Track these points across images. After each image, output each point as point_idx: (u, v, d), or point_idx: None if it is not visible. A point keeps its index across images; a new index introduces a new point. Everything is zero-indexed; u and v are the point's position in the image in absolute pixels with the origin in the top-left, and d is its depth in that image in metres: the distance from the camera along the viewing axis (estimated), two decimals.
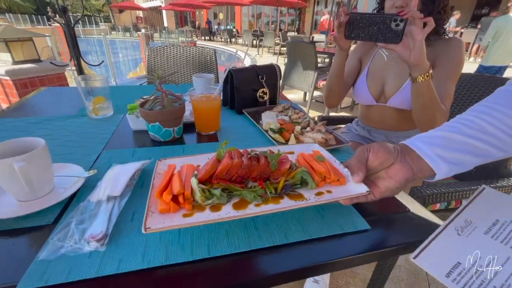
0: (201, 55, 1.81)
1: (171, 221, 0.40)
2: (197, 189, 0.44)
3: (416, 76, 0.77)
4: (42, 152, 0.48)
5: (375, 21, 0.70)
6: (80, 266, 0.37)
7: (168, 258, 0.39)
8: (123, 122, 0.87)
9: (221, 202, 0.44)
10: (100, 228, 0.42)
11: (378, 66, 1.04)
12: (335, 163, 0.54)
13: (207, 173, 0.46)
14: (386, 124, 1.09)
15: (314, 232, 0.45)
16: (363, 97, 1.08)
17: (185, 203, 0.43)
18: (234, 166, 0.45)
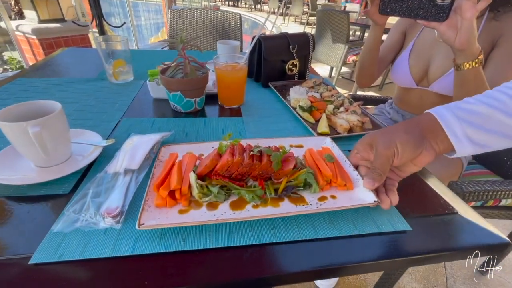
0: (225, 21, 1.69)
1: (166, 217, 0.38)
2: (195, 185, 0.41)
3: (461, 63, 0.65)
4: (59, 117, 0.44)
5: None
6: (95, 243, 0.35)
7: (187, 243, 0.36)
8: (143, 89, 0.83)
9: (218, 200, 0.42)
10: (116, 204, 0.39)
11: (425, 43, 0.90)
12: (345, 164, 0.50)
13: (206, 168, 0.43)
14: (424, 109, 0.95)
15: (346, 228, 0.40)
16: (402, 78, 0.95)
17: (181, 199, 0.41)
18: (234, 163, 0.42)
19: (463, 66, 0.65)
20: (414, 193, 0.50)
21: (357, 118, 0.66)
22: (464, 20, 0.58)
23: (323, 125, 0.64)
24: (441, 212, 0.45)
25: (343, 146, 0.61)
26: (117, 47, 0.82)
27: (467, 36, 0.59)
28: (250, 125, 0.67)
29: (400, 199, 0.46)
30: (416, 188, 0.52)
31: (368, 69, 0.98)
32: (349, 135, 0.64)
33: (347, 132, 0.64)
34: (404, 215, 0.43)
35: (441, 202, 0.48)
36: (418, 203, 0.47)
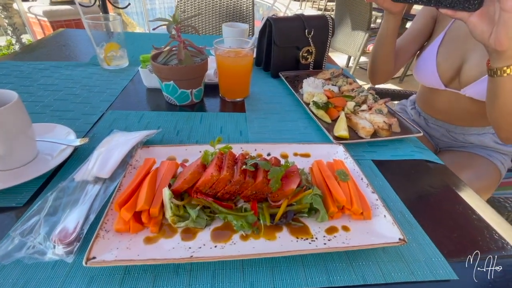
0: (236, 4, 1.56)
1: (126, 248, 0.29)
2: (168, 205, 0.32)
3: (499, 68, 0.50)
4: (13, 109, 0.36)
5: None
6: (37, 282, 0.27)
7: (157, 286, 0.27)
8: (137, 77, 0.74)
9: (198, 227, 0.32)
10: (73, 225, 0.31)
11: (459, 35, 0.73)
12: (361, 183, 0.39)
13: (185, 183, 0.33)
14: (452, 116, 0.82)
15: (369, 272, 0.30)
16: (427, 77, 0.79)
17: (149, 223, 0.32)
18: (221, 180, 0.32)
19: (500, 72, 0.50)
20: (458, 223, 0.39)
21: (383, 119, 0.55)
22: (503, 12, 0.43)
23: (341, 127, 0.53)
24: (497, 253, 0.34)
25: (365, 154, 0.50)
26: (107, 26, 0.72)
27: (508, 32, 0.44)
28: (254, 123, 0.57)
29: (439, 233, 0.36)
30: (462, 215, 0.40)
31: (382, 65, 0.82)
32: (372, 140, 0.53)
33: (370, 137, 0.53)
34: (447, 256, 0.33)
35: (495, 239, 0.36)
36: (462, 239, 0.36)
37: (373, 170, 0.47)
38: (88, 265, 0.26)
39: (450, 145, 0.89)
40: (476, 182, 0.79)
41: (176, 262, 0.28)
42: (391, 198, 0.41)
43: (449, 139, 0.88)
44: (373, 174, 0.46)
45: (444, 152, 0.90)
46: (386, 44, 0.75)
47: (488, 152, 0.83)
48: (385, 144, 0.54)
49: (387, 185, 0.43)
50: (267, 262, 0.31)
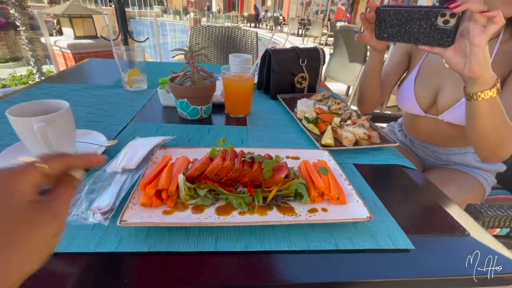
0: (242, 38, 1.75)
1: (149, 216, 0.37)
2: (182, 187, 0.41)
3: (474, 93, 0.56)
4: (65, 115, 0.46)
5: (415, 17, 0.52)
6: (81, 238, 0.35)
7: (172, 245, 0.35)
8: (155, 97, 0.86)
9: (205, 204, 0.41)
10: (107, 201, 0.39)
11: (432, 67, 0.82)
12: (340, 178, 0.48)
13: (196, 171, 0.43)
14: (435, 138, 0.90)
15: (342, 242, 0.38)
16: (408, 105, 0.87)
17: (167, 200, 0.40)
18: (224, 168, 0.41)
19: (476, 97, 0.56)
20: (420, 210, 0.47)
21: (364, 131, 0.64)
22: (473, 46, 0.50)
23: (327, 137, 0.62)
24: (449, 233, 0.41)
25: (348, 159, 0.59)
26: (133, 56, 0.86)
27: (479, 63, 0.50)
28: (254, 134, 0.67)
29: (404, 216, 0.44)
30: (423, 205, 0.48)
31: (369, 96, 0.90)
32: (354, 148, 0.62)
33: (352, 145, 0.62)
34: (407, 233, 0.40)
35: (450, 221, 0.44)
36: (424, 221, 0.44)
37: (354, 171, 0.55)
38: (121, 224, 0.34)
39: (436, 164, 0.97)
40: (460, 196, 0.85)
41: (187, 225, 0.37)
42: (366, 192, 0.49)
43: (434, 159, 0.95)
44: (353, 174, 0.54)
45: (430, 170, 0.97)
46: (372, 76, 0.84)
47: (471, 169, 0.90)
48: (366, 152, 0.63)
49: (364, 182, 0.51)
50: (258, 230, 0.38)
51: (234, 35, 1.77)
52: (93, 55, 3.42)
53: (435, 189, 0.53)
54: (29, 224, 0.20)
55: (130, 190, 0.43)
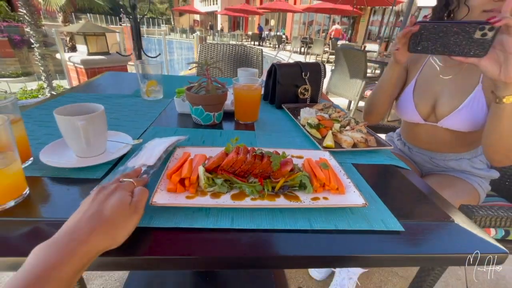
0: (248, 54, 1.87)
1: (174, 199, 0.44)
2: (202, 176, 0.47)
3: (504, 96, 0.62)
4: (101, 115, 0.54)
5: (453, 31, 0.59)
6: None
7: (194, 223, 0.41)
8: (170, 105, 0.94)
9: (221, 191, 0.47)
10: None
11: (428, 80, 0.90)
12: (339, 173, 0.54)
13: (214, 163, 0.49)
14: (433, 145, 0.96)
15: (340, 223, 0.43)
16: (408, 114, 0.94)
17: (189, 187, 0.46)
18: (238, 160, 0.48)
19: (505, 100, 0.63)
20: (411, 201, 0.52)
21: (361, 135, 0.71)
22: (509, 54, 0.56)
23: (328, 140, 0.69)
24: (435, 219, 0.47)
25: (347, 160, 0.65)
26: (151, 69, 0.96)
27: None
28: (261, 138, 0.74)
29: (396, 205, 0.49)
30: (414, 197, 0.54)
31: (380, 107, 0.97)
32: (352, 150, 0.68)
33: (351, 147, 0.68)
34: (398, 218, 0.46)
35: (437, 210, 0.49)
36: (414, 210, 0.49)
37: (352, 170, 0.61)
38: (152, 204, 0.41)
39: (433, 170, 1.03)
40: (455, 200, 0.90)
41: (207, 206, 0.43)
42: (363, 186, 0.55)
43: (431, 165, 1.01)
44: (352, 172, 0.60)
45: (427, 176, 1.03)
46: (388, 87, 0.90)
47: (466, 175, 0.95)
48: (363, 153, 0.69)
49: (361, 178, 0.58)
50: (268, 212, 0.44)
51: (241, 52, 1.88)
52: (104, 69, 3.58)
53: (425, 184, 0.58)
54: (130, 219, 0.36)
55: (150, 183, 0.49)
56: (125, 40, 7.23)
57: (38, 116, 0.75)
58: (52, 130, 0.67)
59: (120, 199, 0.37)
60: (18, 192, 0.43)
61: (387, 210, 0.47)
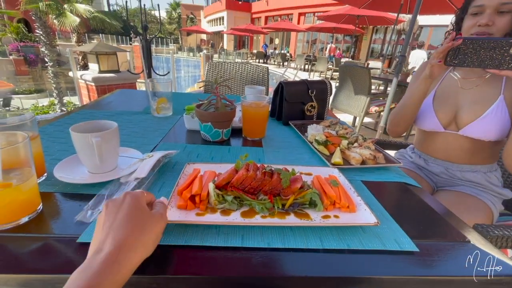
0: (254, 72, 1.91)
1: (185, 216, 0.44)
2: (212, 193, 0.47)
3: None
4: (115, 132, 0.55)
5: (489, 46, 0.65)
6: None
7: (204, 241, 0.41)
8: (179, 122, 0.96)
9: (231, 208, 0.47)
10: None
11: (448, 91, 0.94)
12: (349, 191, 0.53)
13: (224, 180, 0.49)
14: (450, 154, 0.97)
15: (352, 242, 0.43)
16: (427, 122, 0.96)
17: (200, 204, 0.47)
18: (248, 177, 0.48)
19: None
20: (424, 219, 0.51)
21: (370, 152, 0.71)
22: None
23: (336, 156, 0.69)
24: (450, 239, 0.46)
25: (356, 177, 0.65)
26: (161, 87, 0.98)
27: None
28: (270, 154, 0.74)
29: (410, 224, 0.48)
30: (427, 216, 0.53)
31: (409, 119, 0.99)
32: (361, 167, 0.68)
33: (359, 164, 0.68)
34: (412, 237, 0.45)
35: (452, 230, 0.48)
36: (428, 229, 0.48)
37: (362, 187, 0.61)
38: None
39: (448, 183, 1.01)
40: (468, 218, 0.88)
41: (216, 224, 0.43)
42: (374, 204, 0.54)
43: (447, 176, 1.00)
44: (361, 189, 0.59)
45: (439, 192, 1.01)
46: (418, 101, 0.94)
47: (479, 191, 0.94)
48: (372, 170, 0.69)
49: (372, 196, 0.57)
50: (278, 230, 0.44)
51: (247, 70, 1.93)
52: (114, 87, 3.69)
53: (437, 203, 0.57)
54: (151, 221, 0.36)
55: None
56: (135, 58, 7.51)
57: (53, 133, 0.77)
58: (65, 146, 0.69)
59: (132, 200, 0.36)
60: (33, 208, 0.43)
61: (400, 229, 0.46)
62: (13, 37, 11.37)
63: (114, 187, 0.52)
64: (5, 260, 0.36)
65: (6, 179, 0.40)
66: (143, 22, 1.64)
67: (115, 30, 7.64)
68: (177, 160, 0.67)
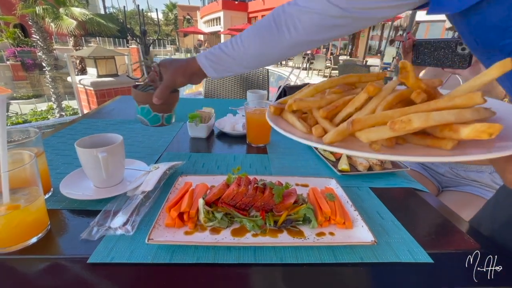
0: (254, 74, 1.91)
1: (172, 236, 0.43)
2: (202, 210, 0.46)
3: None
4: (120, 146, 0.55)
5: (440, 46, 0.69)
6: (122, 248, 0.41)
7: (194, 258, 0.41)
8: (182, 129, 0.95)
9: (221, 226, 0.45)
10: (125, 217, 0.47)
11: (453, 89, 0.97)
12: (347, 204, 0.52)
13: (214, 196, 0.48)
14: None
15: (365, 255, 0.42)
16: None
17: (188, 221, 0.45)
18: (239, 193, 0.46)
19: None
20: (436, 228, 0.51)
21: None
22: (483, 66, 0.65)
23: (343, 163, 0.68)
24: (464, 247, 0.45)
25: (364, 183, 0.64)
26: None
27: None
28: (275, 162, 0.74)
29: (421, 233, 0.48)
30: (438, 223, 0.52)
31: None
32: (369, 173, 0.67)
33: (366, 170, 0.67)
34: (425, 248, 0.44)
35: (464, 237, 0.48)
36: (440, 238, 0.48)
37: (370, 194, 0.60)
38: (149, 242, 0.40)
39: (453, 183, 1.01)
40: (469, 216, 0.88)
41: (206, 245, 0.42)
42: (384, 212, 0.54)
43: (452, 175, 1.01)
44: (370, 196, 0.59)
45: (445, 192, 1.01)
46: None
47: (485, 192, 0.94)
48: (380, 176, 0.68)
49: (381, 204, 0.56)
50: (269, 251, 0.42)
51: (247, 72, 1.92)
52: (113, 91, 3.68)
53: (447, 209, 0.57)
54: None
55: (155, 208, 0.50)
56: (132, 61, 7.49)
57: (56, 145, 0.76)
58: (69, 159, 0.68)
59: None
60: (41, 228, 0.43)
61: (413, 239, 0.46)
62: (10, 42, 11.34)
63: (120, 202, 0.51)
64: (16, 282, 0.36)
65: (14, 200, 0.39)
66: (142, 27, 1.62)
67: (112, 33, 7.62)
68: (183, 170, 0.66)
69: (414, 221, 0.52)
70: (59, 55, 9.21)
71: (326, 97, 0.37)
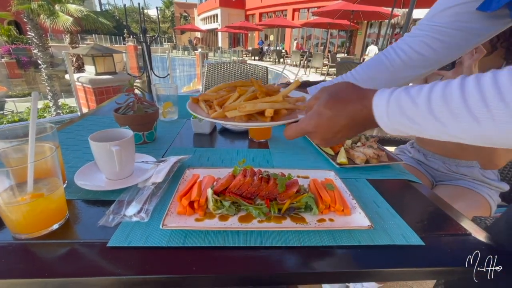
0: (254, 72, 1.93)
1: (184, 222, 0.46)
2: (211, 199, 0.49)
3: None
4: (131, 140, 0.58)
5: None
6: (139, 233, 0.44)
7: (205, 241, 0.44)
8: (186, 125, 0.98)
9: (229, 213, 0.49)
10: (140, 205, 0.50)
11: None
12: (345, 194, 0.55)
13: (221, 186, 0.51)
14: (446, 149, 1.02)
15: (362, 238, 0.46)
16: None
17: (198, 209, 0.49)
18: (245, 183, 0.50)
19: None
20: (427, 215, 0.55)
21: (373, 151, 0.74)
22: (464, 68, 0.70)
23: (341, 156, 0.72)
24: (453, 232, 0.49)
25: (361, 175, 0.68)
26: (167, 91, 1.00)
27: None
28: (277, 156, 0.77)
29: (414, 220, 0.52)
30: (430, 210, 0.56)
31: None
32: (366, 166, 0.71)
33: (364, 163, 0.71)
34: (417, 232, 0.48)
35: (453, 223, 0.52)
36: (431, 223, 0.52)
37: (367, 185, 0.64)
38: (163, 228, 0.43)
39: (446, 177, 1.05)
40: (468, 211, 0.92)
41: (216, 229, 0.45)
42: (380, 201, 0.57)
43: (445, 170, 1.05)
44: (367, 187, 0.63)
45: (438, 186, 1.05)
46: None
47: (476, 185, 0.98)
48: (376, 169, 0.72)
49: (377, 194, 0.60)
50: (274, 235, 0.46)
51: (246, 70, 1.95)
52: (111, 89, 3.68)
53: (438, 198, 0.61)
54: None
55: (165, 198, 0.54)
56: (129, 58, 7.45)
57: (65, 140, 0.79)
58: (80, 153, 0.71)
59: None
60: (61, 216, 0.46)
61: (406, 225, 0.50)
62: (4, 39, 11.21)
63: (133, 193, 0.55)
64: (41, 265, 0.39)
65: (36, 189, 0.42)
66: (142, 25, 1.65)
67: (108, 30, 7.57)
68: (190, 164, 0.69)
69: (408, 209, 0.56)
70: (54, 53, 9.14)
71: (220, 93, 0.60)
